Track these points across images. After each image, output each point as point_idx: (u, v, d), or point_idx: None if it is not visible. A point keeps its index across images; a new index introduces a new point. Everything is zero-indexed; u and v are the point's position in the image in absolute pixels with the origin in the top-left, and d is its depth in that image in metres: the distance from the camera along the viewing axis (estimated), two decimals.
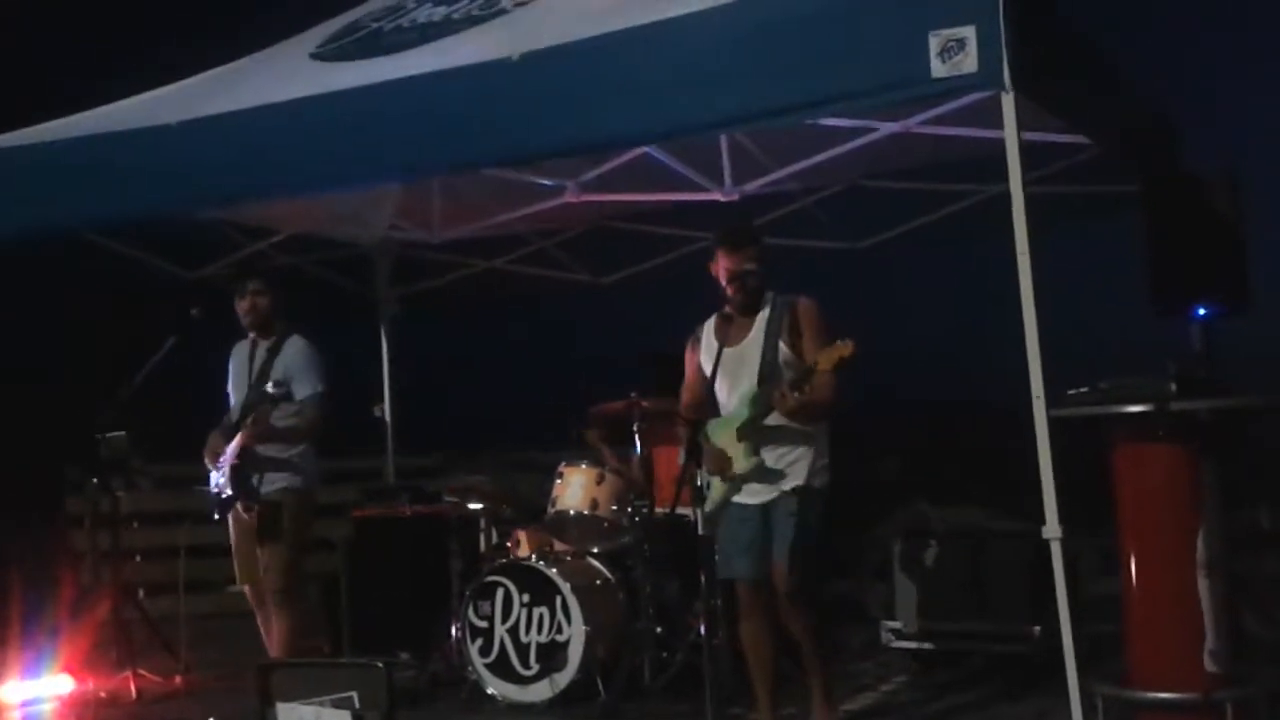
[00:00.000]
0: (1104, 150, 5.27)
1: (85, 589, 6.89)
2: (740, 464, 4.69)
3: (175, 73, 6.01)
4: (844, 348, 4.45)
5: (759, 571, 4.71)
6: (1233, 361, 5.18)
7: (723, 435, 4.75)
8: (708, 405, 4.81)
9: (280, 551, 5.46)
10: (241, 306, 5.65)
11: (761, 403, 4.62)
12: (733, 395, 4.75)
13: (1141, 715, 4.70)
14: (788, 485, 4.66)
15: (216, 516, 5.56)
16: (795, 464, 4.69)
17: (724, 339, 4.71)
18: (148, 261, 7.08)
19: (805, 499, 4.66)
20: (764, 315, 4.73)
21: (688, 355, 4.94)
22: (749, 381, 4.69)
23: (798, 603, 4.64)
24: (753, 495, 4.74)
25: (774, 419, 4.65)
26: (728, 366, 4.71)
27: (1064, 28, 4.57)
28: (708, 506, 4.65)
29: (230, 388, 5.74)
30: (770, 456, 4.70)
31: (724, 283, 4.71)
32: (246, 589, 5.64)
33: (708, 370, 4.70)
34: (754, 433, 4.66)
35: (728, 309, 4.73)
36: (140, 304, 7.64)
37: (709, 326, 4.86)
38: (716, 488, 4.75)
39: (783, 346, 4.67)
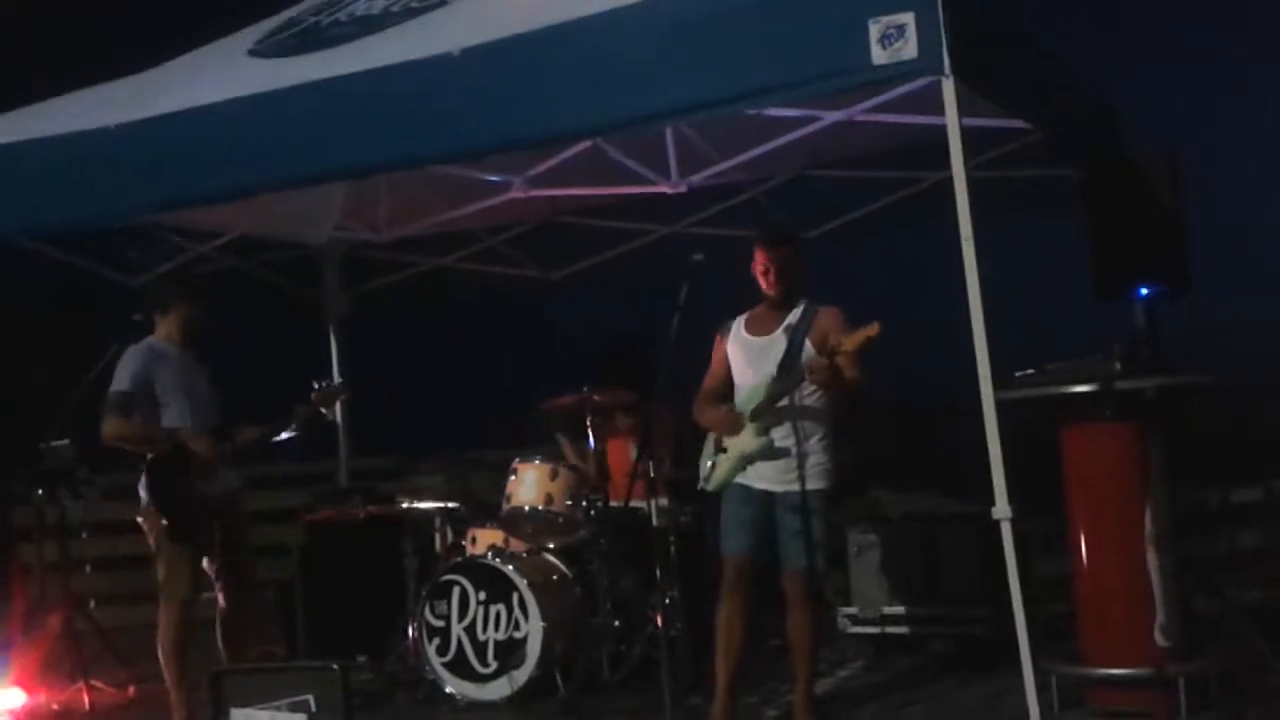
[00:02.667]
0: (1045, 134, 5.32)
1: (35, 601, 6.79)
2: (750, 443, 4.82)
3: (104, 73, 5.91)
4: (870, 329, 4.60)
5: (755, 551, 4.84)
6: (1175, 342, 5.24)
7: None
8: (726, 393, 5.01)
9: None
10: (198, 316, 5.47)
11: (777, 388, 4.78)
12: (752, 382, 4.90)
13: (1094, 692, 4.77)
14: (809, 486, 4.77)
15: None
16: (809, 460, 4.80)
17: (753, 330, 4.97)
18: (88, 268, 6.98)
19: (826, 501, 4.83)
20: (795, 314, 4.90)
21: (716, 344, 5.11)
22: (769, 370, 4.84)
23: (810, 599, 4.83)
24: (760, 480, 4.85)
25: (786, 404, 4.79)
26: (752, 356, 4.93)
27: (1003, 12, 4.61)
28: (711, 485, 4.92)
29: (179, 392, 5.43)
30: (781, 442, 4.80)
31: (758, 276, 4.92)
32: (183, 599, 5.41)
33: (733, 359, 4.97)
34: (767, 415, 4.80)
35: (761, 304, 4.98)
36: (82, 311, 7.54)
37: (741, 319, 5.05)
38: (721, 466, 4.90)
39: (808, 345, 4.81)
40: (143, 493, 5.37)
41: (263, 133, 4.84)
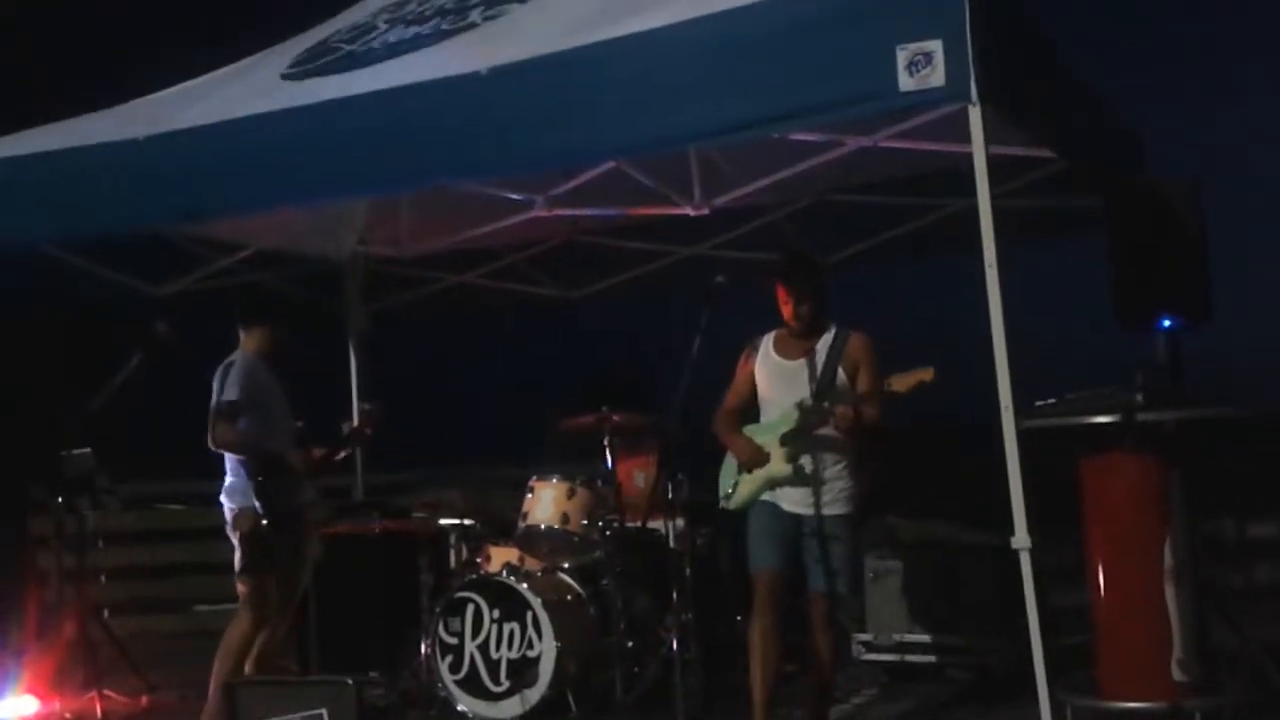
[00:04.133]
0: (1070, 163, 5.31)
1: (50, 609, 6.82)
2: (777, 466, 4.84)
3: (143, 88, 5.97)
4: (924, 373, 4.62)
5: (786, 566, 4.86)
6: (1197, 373, 5.23)
7: (763, 438, 4.91)
8: (748, 411, 5.03)
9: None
10: (285, 334, 5.72)
11: (811, 415, 4.79)
12: (782, 404, 4.90)
13: None
14: (832, 510, 4.81)
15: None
16: (834, 485, 4.83)
17: (782, 352, 4.97)
18: (113, 277, 7.01)
19: (849, 525, 4.86)
20: (826, 339, 4.91)
21: (742, 362, 5.11)
22: (802, 394, 4.84)
23: (834, 623, 4.89)
24: (788, 502, 4.86)
25: (817, 433, 4.80)
26: (782, 379, 4.93)
27: (1031, 40, 4.61)
28: (733, 504, 4.94)
29: (270, 405, 5.62)
30: (809, 468, 4.82)
31: (781, 307, 4.93)
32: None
33: (761, 379, 4.97)
34: (797, 441, 4.81)
35: (786, 329, 4.99)
36: (106, 320, 7.57)
37: (769, 338, 5.05)
38: (745, 485, 4.91)
39: (840, 371, 4.83)
40: (230, 502, 5.46)
41: (287, 147, 4.85)
